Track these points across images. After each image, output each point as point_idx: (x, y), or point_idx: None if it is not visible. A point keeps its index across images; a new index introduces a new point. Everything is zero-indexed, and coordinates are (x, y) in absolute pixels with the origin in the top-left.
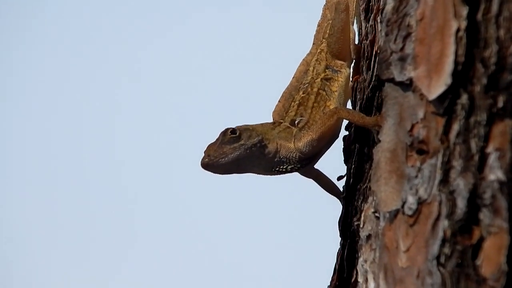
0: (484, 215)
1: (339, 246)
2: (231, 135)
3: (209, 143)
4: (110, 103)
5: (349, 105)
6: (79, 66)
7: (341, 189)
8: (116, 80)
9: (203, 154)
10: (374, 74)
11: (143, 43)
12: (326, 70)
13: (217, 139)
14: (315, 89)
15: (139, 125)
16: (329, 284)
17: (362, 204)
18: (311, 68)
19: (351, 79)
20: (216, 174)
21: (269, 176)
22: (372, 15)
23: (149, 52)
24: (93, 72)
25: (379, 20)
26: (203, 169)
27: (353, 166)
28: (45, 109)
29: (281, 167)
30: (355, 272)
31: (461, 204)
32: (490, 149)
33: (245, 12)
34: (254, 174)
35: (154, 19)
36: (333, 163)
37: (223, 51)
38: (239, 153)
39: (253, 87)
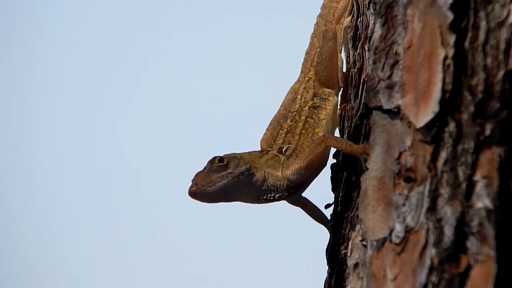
0: (472, 243)
1: (326, 275)
2: (218, 164)
3: (197, 172)
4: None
5: (337, 133)
6: (79, 72)
7: (329, 217)
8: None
9: (191, 183)
10: (362, 102)
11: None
12: (314, 98)
13: (205, 168)
14: (303, 117)
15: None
16: None
17: (350, 232)
18: (299, 96)
19: (339, 107)
20: (204, 203)
21: (257, 204)
22: (360, 43)
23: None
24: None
25: (366, 48)
26: (190, 198)
27: (340, 194)
28: (45, 110)
29: (269, 195)
30: None
31: (448, 232)
32: (477, 177)
33: (229, 39)
34: (242, 203)
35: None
36: (320, 191)
37: (209, 81)
38: (226, 181)
39: (240, 116)
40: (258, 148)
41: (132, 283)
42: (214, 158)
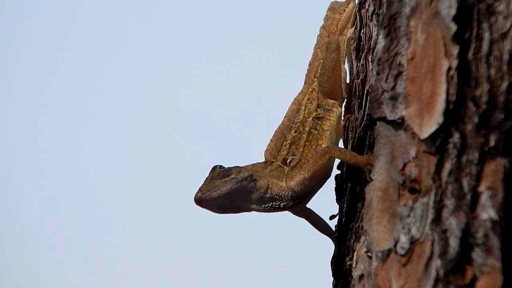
0: (477, 255)
1: (331, 286)
2: (220, 170)
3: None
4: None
5: (341, 144)
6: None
7: (334, 229)
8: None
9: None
10: (366, 113)
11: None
12: (318, 109)
13: (207, 177)
14: (307, 128)
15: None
16: None
17: (355, 244)
18: (302, 107)
19: (342, 118)
20: (212, 213)
21: (263, 213)
22: (363, 54)
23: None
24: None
25: (370, 59)
26: (197, 206)
27: (345, 205)
28: (45, 110)
29: (274, 203)
30: None
31: (453, 243)
32: (482, 188)
33: (233, 52)
34: (248, 213)
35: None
36: (325, 202)
37: (212, 93)
38: (230, 186)
39: (244, 127)
40: (262, 159)
41: (133, 284)
42: (215, 166)
